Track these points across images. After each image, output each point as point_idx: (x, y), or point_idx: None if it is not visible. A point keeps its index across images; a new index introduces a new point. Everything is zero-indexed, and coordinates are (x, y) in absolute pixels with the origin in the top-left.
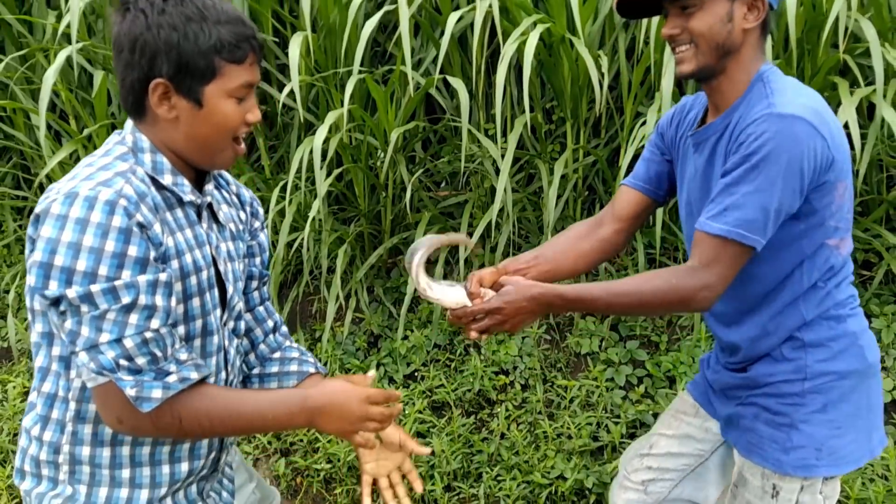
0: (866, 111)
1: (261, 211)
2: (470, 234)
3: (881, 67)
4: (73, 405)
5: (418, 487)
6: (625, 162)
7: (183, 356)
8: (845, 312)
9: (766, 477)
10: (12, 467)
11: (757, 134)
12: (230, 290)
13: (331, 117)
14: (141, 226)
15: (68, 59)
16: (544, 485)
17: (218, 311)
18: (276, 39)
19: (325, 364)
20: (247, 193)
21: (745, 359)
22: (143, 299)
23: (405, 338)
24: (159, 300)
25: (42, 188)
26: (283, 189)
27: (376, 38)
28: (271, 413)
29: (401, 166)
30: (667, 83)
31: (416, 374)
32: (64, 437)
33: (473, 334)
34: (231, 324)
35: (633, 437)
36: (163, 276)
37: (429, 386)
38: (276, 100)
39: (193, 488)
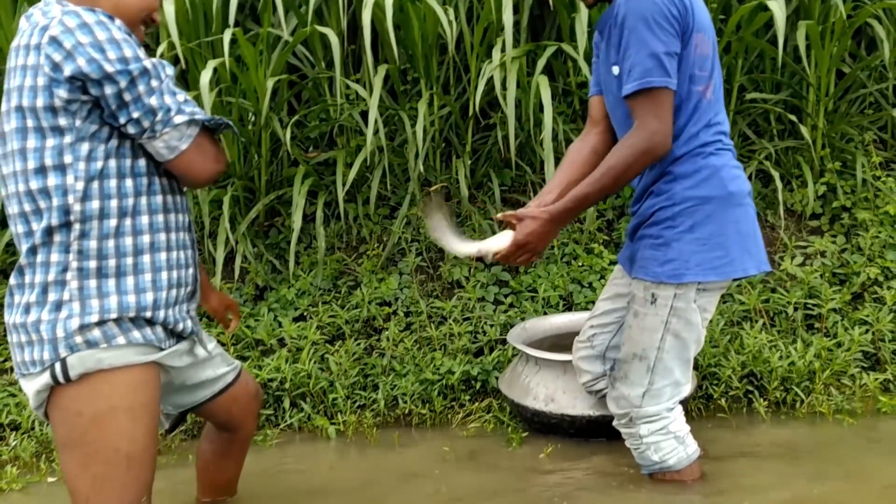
0: None
1: None
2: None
3: None
4: (76, 226)
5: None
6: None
7: None
8: (709, 150)
9: (647, 288)
10: None
11: (623, 11)
12: None
13: (212, 63)
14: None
15: None
16: (435, 380)
17: None
18: None
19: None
20: None
21: (638, 198)
22: (171, 70)
23: (290, 286)
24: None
25: None
26: None
27: (237, 20)
28: None
29: (274, 122)
30: (507, 18)
31: (304, 315)
32: (71, 256)
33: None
34: None
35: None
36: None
37: (320, 321)
38: None
39: (184, 307)
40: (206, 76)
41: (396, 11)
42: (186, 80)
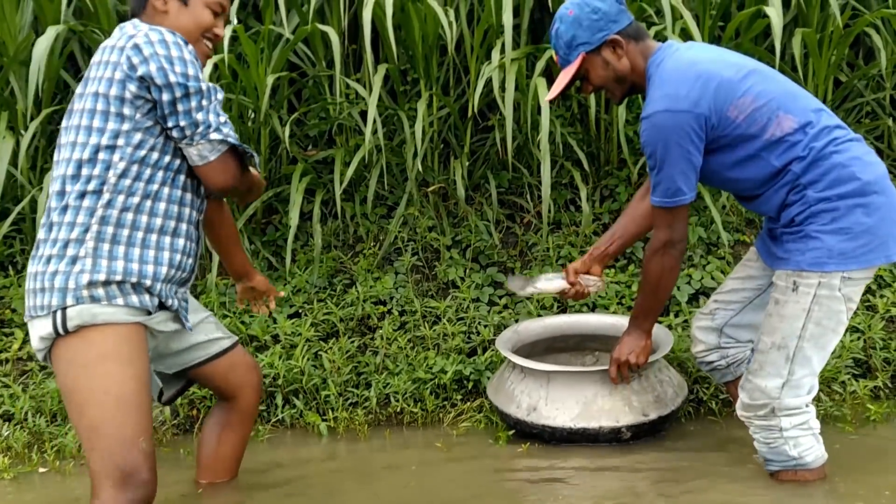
0: None
1: None
2: (341, 182)
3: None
4: (105, 195)
5: (272, 306)
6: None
7: None
8: (829, 150)
9: (788, 276)
10: None
11: (643, 138)
12: None
13: (213, 59)
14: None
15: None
16: (428, 379)
17: None
18: None
19: (213, 310)
20: None
21: (773, 215)
22: (221, 95)
23: (286, 283)
24: None
25: None
26: None
27: (239, 17)
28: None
29: (273, 120)
30: (507, 19)
31: (299, 312)
32: (94, 219)
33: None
34: None
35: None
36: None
37: (315, 318)
38: None
39: (174, 288)
40: (206, 72)
41: (397, 11)
42: None
